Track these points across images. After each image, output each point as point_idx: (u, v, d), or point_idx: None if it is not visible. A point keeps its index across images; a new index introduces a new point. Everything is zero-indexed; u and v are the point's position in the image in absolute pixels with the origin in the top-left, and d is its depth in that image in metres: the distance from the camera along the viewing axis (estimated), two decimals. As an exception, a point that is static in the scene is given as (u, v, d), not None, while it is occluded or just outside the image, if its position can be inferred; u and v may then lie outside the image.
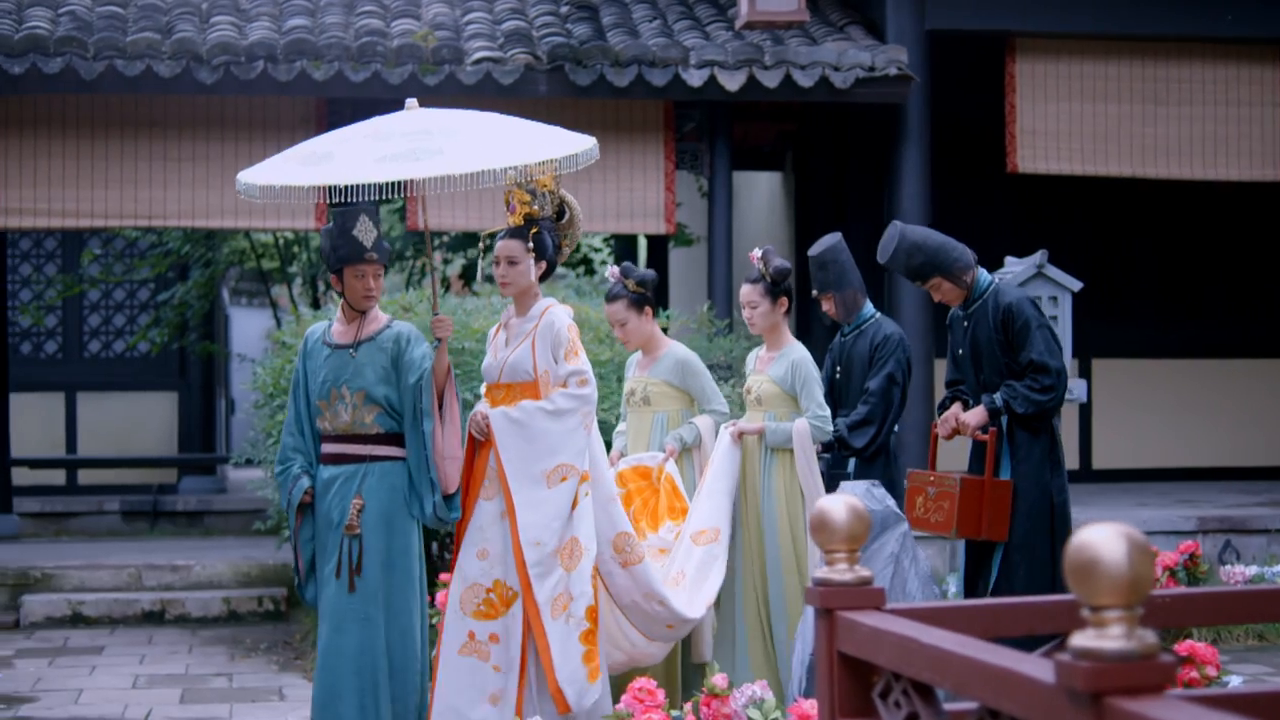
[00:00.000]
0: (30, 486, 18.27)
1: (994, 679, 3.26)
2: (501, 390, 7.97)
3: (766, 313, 8.94)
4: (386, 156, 7.35)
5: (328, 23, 13.89)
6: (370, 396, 7.81)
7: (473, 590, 7.83)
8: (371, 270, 7.88)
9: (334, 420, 7.88)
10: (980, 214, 16.36)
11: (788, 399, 8.88)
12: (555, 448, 7.80)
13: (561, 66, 13.43)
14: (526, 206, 7.94)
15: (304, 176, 7.46)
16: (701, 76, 13.47)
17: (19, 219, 13.71)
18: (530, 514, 7.73)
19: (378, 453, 7.85)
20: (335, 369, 7.89)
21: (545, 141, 7.85)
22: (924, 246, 8.60)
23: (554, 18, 14.27)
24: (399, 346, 7.87)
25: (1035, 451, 8.52)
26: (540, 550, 7.70)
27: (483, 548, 7.86)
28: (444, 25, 13.93)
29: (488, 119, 8.12)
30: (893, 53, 13.72)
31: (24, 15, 13.62)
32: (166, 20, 13.74)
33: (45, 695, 10.29)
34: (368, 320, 7.98)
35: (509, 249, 7.97)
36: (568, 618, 7.72)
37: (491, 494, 7.88)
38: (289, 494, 7.89)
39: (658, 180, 14.12)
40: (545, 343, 7.90)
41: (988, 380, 8.63)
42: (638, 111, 14.10)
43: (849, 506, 4.12)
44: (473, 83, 13.23)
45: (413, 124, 7.68)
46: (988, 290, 8.66)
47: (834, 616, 4.08)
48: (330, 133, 8.13)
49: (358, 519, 7.74)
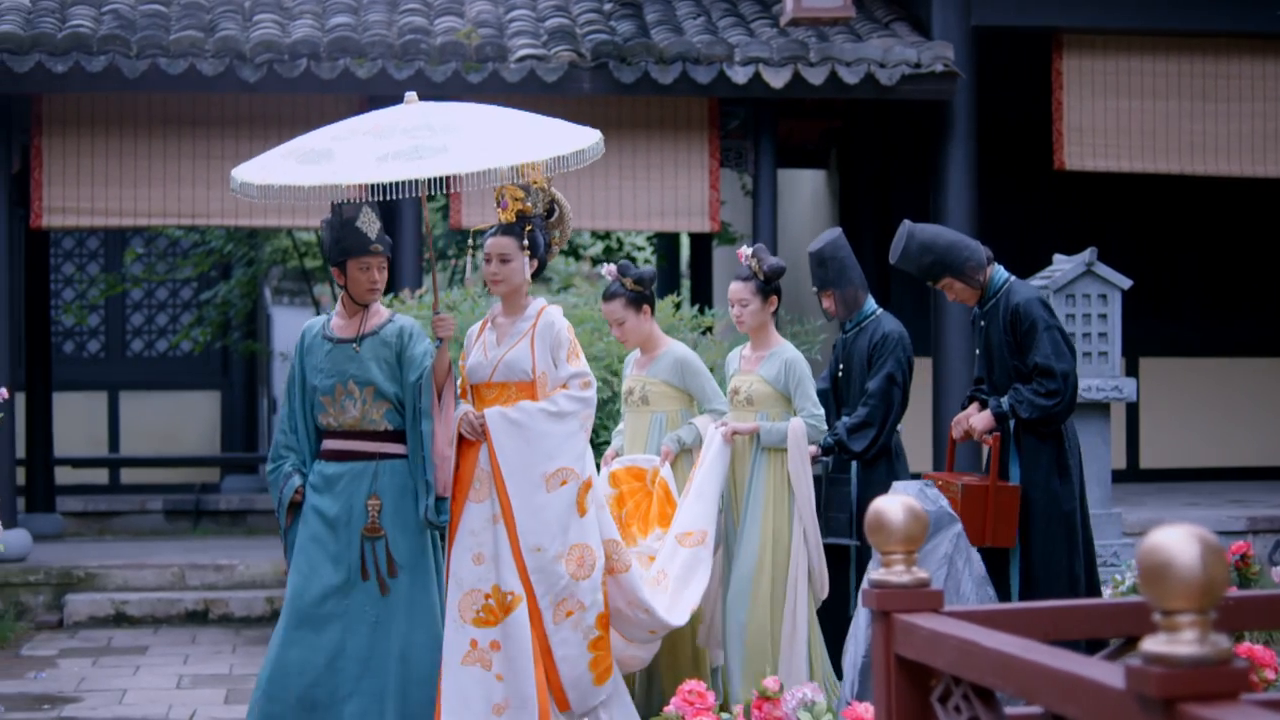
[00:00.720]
0: (73, 486, 18.29)
1: (1061, 684, 3.18)
2: (494, 390, 7.75)
3: (757, 311, 8.73)
4: (388, 155, 7.14)
5: (371, 20, 13.85)
6: (380, 392, 7.67)
7: (471, 597, 7.59)
8: (376, 262, 7.74)
9: (340, 416, 7.73)
10: (1026, 212, 16.29)
11: (780, 399, 8.67)
12: (556, 451, 7.61)
13: (605, 64, 13.37)
14: (519, 203, 7.78)
15: (304, 176, 7.20)
16: (746, 73, 13.40)
17: (62, 218, 13.70)
18: (530, 519, 7.55)
19: (388, 450, 7.72)
20: (339, 364, 7.74)
21: (551, 137, 7.62)
22: (933, 246, 8.47)
23: (598, 15, 14.20)
24: (402, 341, 7.73)
25: (1042, 458, 8.39)
26: (540, 556, 7.53)
27: (478, 552, 7.60)
28: (487, 23, 13.88)
29: (490, 113, 7.89)
30: (939, 49, 13.62)
31: (67, 14, 13.60)
32: (209, 18, 13.72)
33: (89, 695, 10.26)
34: (370, 314, 7.82)
35: (501, 246, 7.76)
36: (576, 624, 7.57)
37: (482, 496, 7.65)
38: (280, 491, 7.75)
39: (702, 178, 14.04)
40: (545, 343, 7.72)
41: (998, 381, 8.51)
42: (682, 109, 14.02)
43: (906, 507, 4.06)
44: (516, 80, 13.18)
45: (413, 119, 7.45)
46: (1001, 289, 8.51)
47: (891, 619, 4.01)
48: (327, 127, 7.84)
49: (379, 520, 7.61)
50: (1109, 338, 11.24)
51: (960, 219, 13.79)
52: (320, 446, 7.81)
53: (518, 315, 7.80)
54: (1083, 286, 11.23)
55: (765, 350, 8.77)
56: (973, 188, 13.93)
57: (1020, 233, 16.03)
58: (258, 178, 7.32)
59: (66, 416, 18.31)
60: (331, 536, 7.63)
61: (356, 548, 7.62)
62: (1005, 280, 8.54)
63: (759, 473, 8.59)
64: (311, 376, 7.79)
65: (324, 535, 7.64)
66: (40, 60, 12.89)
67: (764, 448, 8.59)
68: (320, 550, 7.63)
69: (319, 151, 7.33)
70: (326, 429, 7.77)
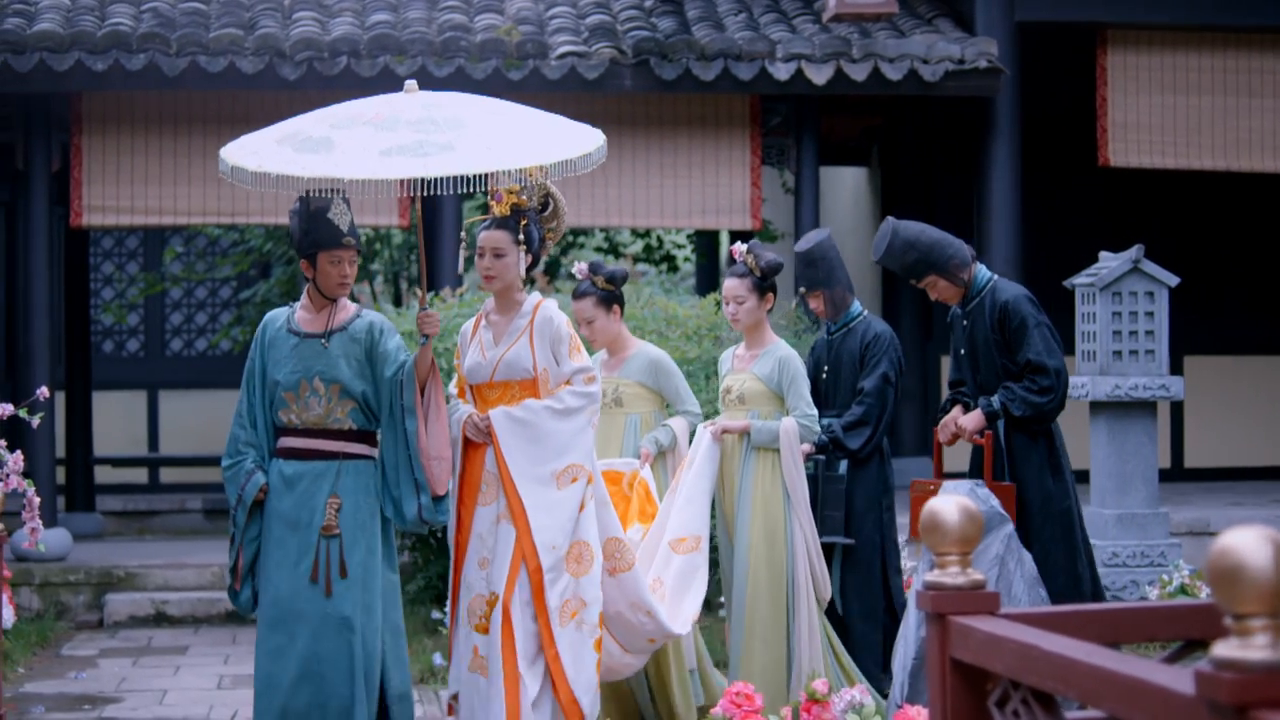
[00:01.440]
0: (113, 485, 18.27)
1: (1127, 689, 3.10)
2: (495, 390, 7.52)
3: (753, 309, 8.52)
4: (392, 149, 6.88)
5: (411, 18, 13.80)
6: (346, 391, 7.33)
7: (476, 602, 7.41)
8: (347, 256, 7.39)
9: (303, 413, 7.37)
10: (1071, 209, 16.17)
11: (773, 398, 8.49)
12: (564, 448, 7.42)
13: (647, 60, 13.30)
14: (514, 197, 7.50)
15: (302, 166, 6.87)
16: (788, 70, 13.32)
17: (101, 216, 13.69)
18: (543, 516, 7.34)
19: (350, 450, 7.39)
20: (305, 359, 7.38)
21: (557, 139, 7.34)
22: (917, 243, 8.36)
23: (638, 11, 14.14)
24: (372, 337, 7.39)
25: (1033, 457, 8.30)
26: (555, 554, 7.33)
27: (484, 556, 7.42)
28: (528, 19, 13.82)
29: (492, 108, 7.66)
30: (982, 45, 13.54)
31: (106, 12, 13.58)
32: (249, 16, 13.69)
33: (130, 695, 10.22)
34: (338, 309, 7.47)
35: (495, 240, 7.48)
36: (579, 624, 7.36)
37: (489, 499, 7.46)
38: (240, 489, 7.35)
39: (744, 175, 13.97)
40: (544, 339, 7.48)
41: (985, 381, 8.40)
42: (723, 106, 13.95)
43: (961, 507, 3.98)
44: (557, 77, 13.12)
45: (416, 112, 7.17)
46: (986, 287, 8.41)
47: (946, 621, 3.95)
48: (321, 111, 7.45)
49: (336, 519, 7.27)
50: (1156, 335, 11.13)
51: (1004, 216, 13.72)
52: (277, 444, 7.47)
53: (513, 312, 7.58)
54: (1129, 284, 11.12)
55: (760, 349, 8.59)
56: (1016, 185, 13.85)
57: (1064, 230, 15.92)
58: (251, 163, 6.99)
59: (106, 416, 18.29)
60: (293, 539, 7.32)
61: (312, 548, 7.31)
62: (989, 279, 8.45)
63: (749, 472, 8.42)
64: (274, 371, 7.43)
65: (286, 538, 7.34)
66: (80, 58, 12.88)
67: (754, 447, 8.42)
68: (282, 553, 7.33)
69: (317, 140, 7.01)
70: (286, 426, 7.43)
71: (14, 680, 10.59)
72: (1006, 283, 8.51)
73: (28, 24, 13.23)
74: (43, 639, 12.03)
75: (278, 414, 7.42)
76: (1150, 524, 11.03)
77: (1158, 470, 11.46)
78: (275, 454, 7.44)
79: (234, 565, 7.44)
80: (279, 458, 7.42)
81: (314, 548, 7.27)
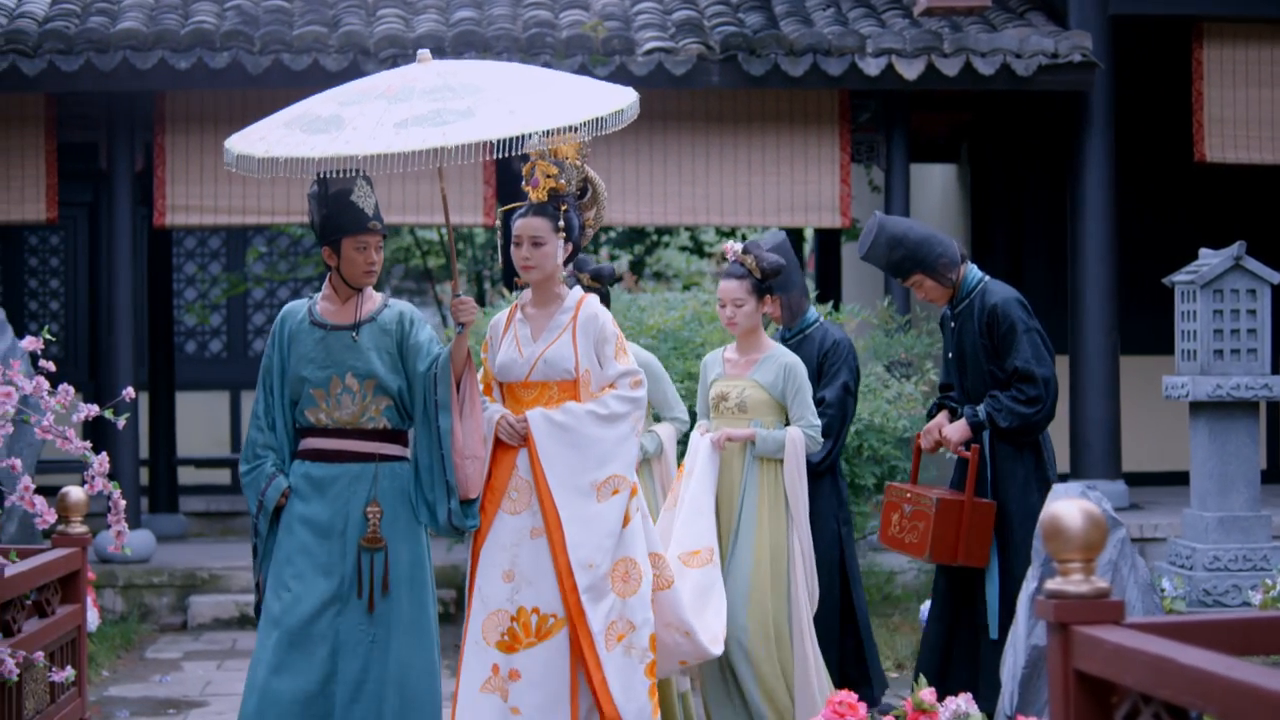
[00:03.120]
0: (196, 486, 18.24)
1: (1274, 707, 2.92)
2: (532, 390, 6.98)
3: (751, 312, 7.98)
4: (408, 121, 6.31)
5: (495, 14, 13.69)
6: (382, 386, 6.80)
7: (496, 617, 6.82)
8: (374, 241, 6.82)
9: (334, 412, 6.80)
10: (1167, 206, 15.92)
11: (777, 406, 7.97)
12: (606, 457, 6.86)
13: (735, 56, 13.14)
14: (552, 180, 6.97)
15: (310, 147, 6.32)
16: (879, 65, 13.13)
17: (185, 216, 13.63)
18: (581, 531, 6.77)
19: (386, 451, 6.86)
20: (334, 354, 6.81)
21: (584, 96, 6.77)
22: (905, 240, 7.99)
23: (725, 7, 13.98)
24: (403, 328, 6.87)
25: (1018, 470, 7.92)
26: (593, 573, 6.75)
27: (508, 569, 6.84)
28: (613, 15, 13.69)
29: (513, 71, 7.21)
30: (1076, 39, 13.31)
31: (190, 10, 13.54)
32: (333, 14, 13.61)
33: (215, 699, 10.13)
34: (365, 298, 6.92)
35: (533, 228, 6.95)
36: (628, 648, 6.78)
37: (519, 507, 6.89)
38: (261, 495, 6.80)
39: (832, 172, 13.79)
40: (588, 337, 6.96)
41: (972, 387, 8.05)
42: (811, 102, 13.77)
43: (1085, 512, 3.85)
44: (644, 74, 12.97)
45: (430, 80, 6.61)
46: (975, 289, 8.03)
47: (1069, 631, 3.85)
48: (328, 92, 6.90)
49: (379, 529, 6.73)
50: (1258, 334, 10.85)
51: (1098, 213, 13.50)
52: (299, 445, 6.91)
53: (554, 306, 7.05)
54: (1230, 281, 10.85)
55: (757, 354, 8.06)
56: (1111, 181, 13.61)
57: (1160, 227, 15.69)
58: (258, 149, 6.45)
59: (189, 417, 18.28)
60: (322, 547, 6.74)
61: (352, 560, 6.73)
62: (980, 280, 8.07)
63: (751, 484, 7.90)
64: (299, 367, 6.85)
65: (313, 545, 6.74)
66: (163, 57, 12.83)
67: (757, 457, 7.90)
68: (309, 562, 6.73)
69: (326, 119, 6.48)
70: (314, 426, 6.86)
71: (98, 684, 10.54)
72: (998, 284, 8.12)
73: (111, 22, 13.19)
74: (127, 642, 11.96)
75: (303, 414, 6.86)
76: (1252, 527, 10.77)
77: (1259, 472, 11.21)
78: (298, 456, 6.89)
79: (259, 579, 6.89)
80: (304, 459, 6.86)
81: (350, 559, 6.73)
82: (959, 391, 8.16)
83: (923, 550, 7.83)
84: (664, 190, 13.57)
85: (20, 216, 13.62)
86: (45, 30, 12.95)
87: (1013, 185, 16.27)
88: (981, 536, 7.78)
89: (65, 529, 7.71)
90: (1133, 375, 14.79)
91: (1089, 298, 13.51)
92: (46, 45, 12.83)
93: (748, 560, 7.81)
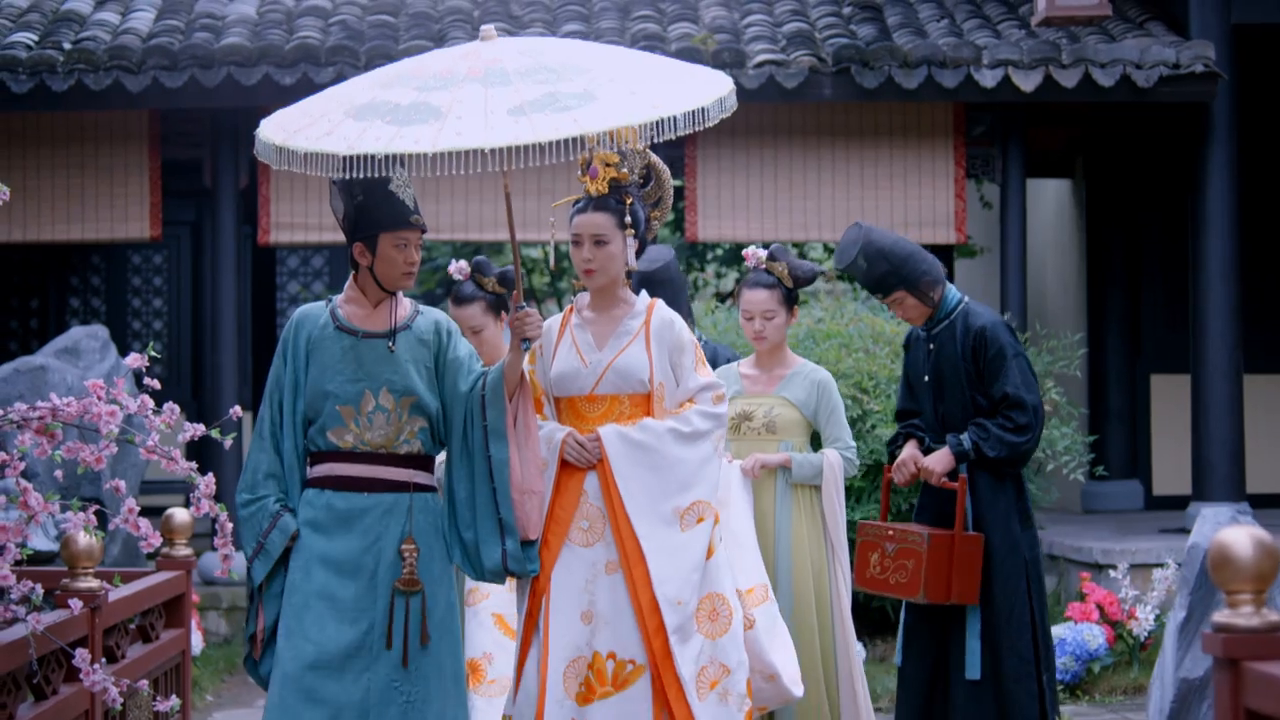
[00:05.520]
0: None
1: None
2: (598, 404, 6.21)
3: (781, 325, 7.46)
4: (523, 106, 5.51)
5: (604, 27, 13.53)
6: (420, 406, 5.98)
7: (575, 666, 6.03)
8: (414, 238, 6.01)
9: (364, 433, 5.95)
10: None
11: (807, 426, 7.45)
12: (690, 480, 6.11)
13: (847, 68, 12.89)
14: (613, 170, 6.19)
15: (414, 140, 5.47)
16: (995, 77, 12.84)
17: (289, 234, 13.52)
18: (666, 564, 6.03)
19: (420, 480, 6.02)
20: (368, 365, 5.97)
21: (687, 80, 6.00)
22: (890, 254, 7.41)
23: (837, 18, 13.74)
24: (440, 340, 6.06)
25: (1000, 501, 7.42)
26: (682, 612, 6.01)
27: (586, 609, 6.06)
28: (723, 28, 13.48)
29: (594, 48, 6.41)
30: (1199, 48, 12.98)
31: (294, 25, 13.42)
32: (438, 28, 13.49)
33: None
34: (398, 304, 6.09)
35: (596, 225, 6.17)
36: (724, 694, 6.06)
37: (592, 539, 6.10)
38: (263, 536, 5.93)
39: (947, 187, 13.51)
40: (663, 346, 6.21)
41: (948, 414, 7.53)
42: (925, 115, 13.51)
43: (1256, 540, 3.63)
44: (755, 87, 12.75)
45: (515, 59, 5.80)
46: (956, 310, 7.53)
47: (1240, 668, 3.61)
48: (379, 76, 6.02)
49: (416, 569, 5.90)
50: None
51: (1220, 229, 13.16)
52: (315, 471, 6.05)
53: (620, 310, 6.28)
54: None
55: (784, 369, 7.53)
56: (1234, 195, 13.26)
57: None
58: (338, 147, 5.53)
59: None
60: (347, 589, 5.89)
61: (384, 604, 5.89)
62: (960, 300, 7.58)
63: (786, 514, 7.35)
64: (321, 380, 5.99)
65: (335, 588, 5.89)
66: (268, 72, 12.73)
67: (793, 483, 7.35)
68: (330, 608, 5.88)
69: (411, 108, 5.60)
70: (339, 450, 6.00)
71: (202, 709, 10.47)
72: (981, 306, 7.66)
73: (215, 38, 13.10)
74: (230, 665, 11.84)
75: (324, 434, 5.99)
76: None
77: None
78: (315, 483, 6.02)
79: (254, 631, 6.00)
80: (324, 488, 5.99)
81: (382, 603, 5.88)
82: (931, 418, 7.63)
83: (915, 590, 7.27)
84: (774, 206, 13.34)
85: (124, 234, 13.54)
86: (149, 46, 12.86)
87: (1130, 200, 15.94)
88: (972, 572, 7.31)
89: (170, 552, 7.55)
90: (1257, 394, 14.43)
91: (1211, 315, 13.17)
92: (151, 61, 12.74)
93: (788, 596, 7.26)
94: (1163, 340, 15.48)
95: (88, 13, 13.79)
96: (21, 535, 5.43)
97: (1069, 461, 10.66)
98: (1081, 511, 15.14)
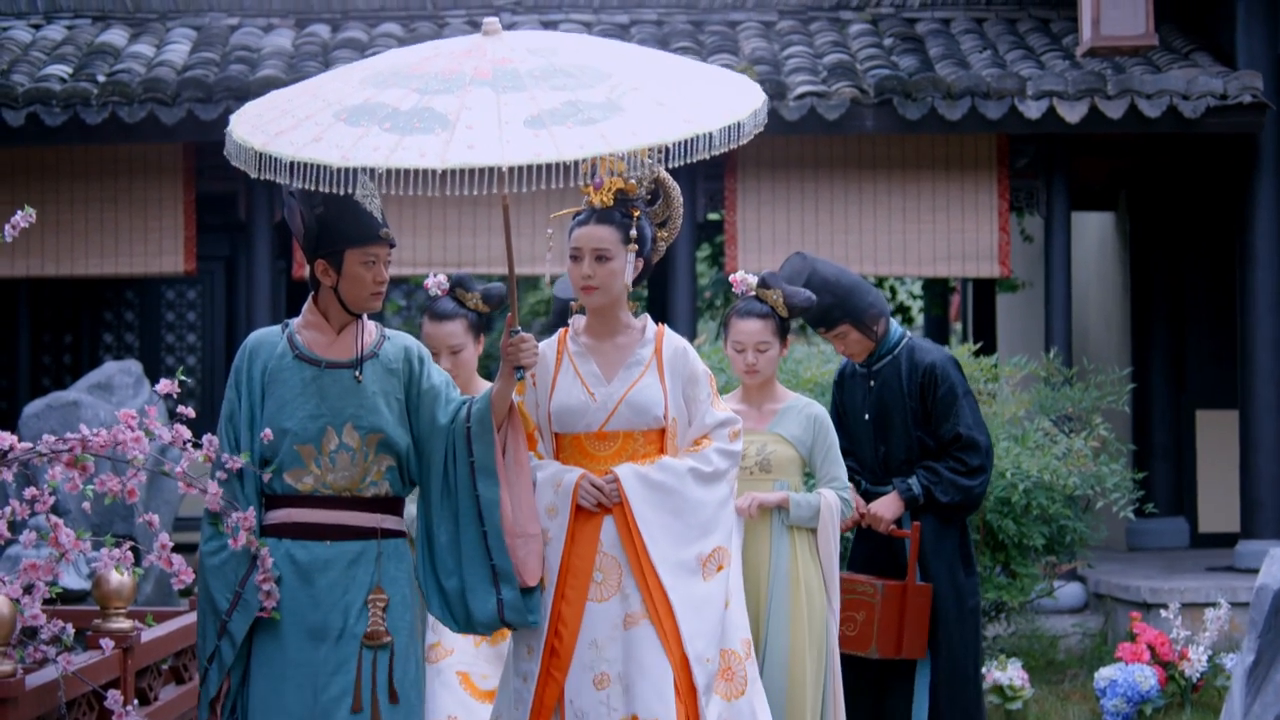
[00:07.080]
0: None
1: None
2: (609, 442, 5.69)
3: (774, 358, 6.80)
4: (541, 116, 4.90)
5: (641, 59, 13.34)
6: (388, 444, 5.40)
7: None
8: (384, 254, 5.40)
9: (326, 475, 5.35)
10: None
11: (802, 464, 6.84)
12: (709, 524, 5.62)
13: (890, 100, 12.71)
14: (620, 180, 5.65)
15: (419, 153, 4.81)
16: (1040, 108, 12.65)
17: (325, 268, 13.34)
18: (694, 619, 5.51)
19: (387, 525, 5.42)
20: (330, 399, 5.37)
21: (719, 89, 5.40)
22: (836, 286, 7.05)
23: (878, 49, 13.56)
24: (412, 368, 5.48)
25: (945, 547, 7.11)
26: (709, 670, 5.50)
27: (601, 671, 5.49)
28: (763, 59, 13.32)
29: (616, 47, 5.71)
30: (1246, 79, 12.79)
31: (330, 58, 13.37)
32: (475, 60, 13.29)
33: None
34: (363, 329, 5.49)
35: (598, 238, 5.60)
36: None
37: (606, 592, 5.55)
38: (238, 586, 5.31)
39: (990, 220, 13.32)
40: (677, 378, 5.71)
41: (891, 454, 7.21)
42: (969, 147, 13.33)
43: None
44: (795, 119, 12.59)
45: (529, 60, 5.17)
46: (899, 346, 7.21)
47: None
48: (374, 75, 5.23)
49: (384, 621, 5.33)
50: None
51: (1270, 262, 12.97)
52: (270, 518, 5.41)
53: (623, 337, 5.77)
54: None
55: (776, 404, 6.89)
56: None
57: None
58: (330, 157, 4.84)
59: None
60: (318, 653, 5.32)
61: (353, 665, 5.31)
62: (903, 336, 7.26)
63: (782, 557, 6.67)
64: (278, 416, 5.37)
65: (306, 653, 5.33)
66: (303, 104, 12.55)
67: (789, 525, 6.70)
68: (300, 674, 5.30)
69: (413, 113, 4.94)
70: (297, 494, 5.39)
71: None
72: (926, 342, 7.33)
73: (251, 70, 12.99)
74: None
75: (280, 477, 5.37)
76: None
77: None
78: (272, 531, 5.37)
79: (215, 695, 5.35)
80: (282, 536, 5.36)
81: (350, 663, 5.30)
82: (871, 458, 7.29)
83: (867, 645, 6.94)
84: (814, 239, 13.15)
85: (159, 269, 13.41)
86: (184, 79, 12.75)
87: (1175, 233, 15.71)
88: (921, 623, 7.00)
89: (204, 590, 7.35)
90: (1306, 430, 14.18)
91: (1259, 350, 12.94)
92: (185, 94, 12.62)
93: (782, 648, 6.59)
94: (1208, 375, 15.24)
95: (122, 45, 13.69)
96: (52, 573, 5.27)
97: (1118, 499, 10.41)
98: (1126, 549, 14.90)
